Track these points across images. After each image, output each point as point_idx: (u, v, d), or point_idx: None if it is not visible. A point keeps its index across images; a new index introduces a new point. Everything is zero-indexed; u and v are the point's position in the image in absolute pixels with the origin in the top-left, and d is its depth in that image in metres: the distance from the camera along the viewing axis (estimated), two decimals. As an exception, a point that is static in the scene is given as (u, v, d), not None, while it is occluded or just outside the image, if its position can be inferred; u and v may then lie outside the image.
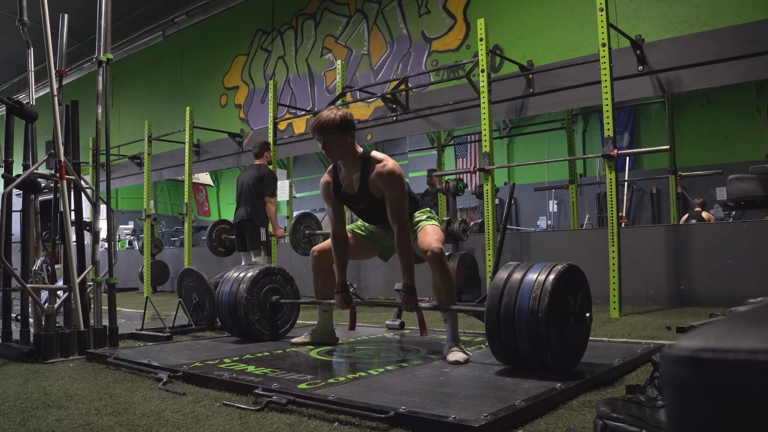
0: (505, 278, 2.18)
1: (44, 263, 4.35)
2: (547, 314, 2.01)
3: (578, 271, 2.24)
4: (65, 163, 3.15)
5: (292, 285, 3.42)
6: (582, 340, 2.23)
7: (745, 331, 0.41)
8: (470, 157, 12.50)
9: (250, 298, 3.15)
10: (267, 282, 3.27)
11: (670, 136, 7.22)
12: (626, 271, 4.67)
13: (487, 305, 2.16)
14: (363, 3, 8.10)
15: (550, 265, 2.16)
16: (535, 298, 2.04)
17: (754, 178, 5.30)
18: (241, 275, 3.26)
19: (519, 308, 2.07)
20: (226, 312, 3.23)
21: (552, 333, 2.03)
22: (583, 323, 2.17)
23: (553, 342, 2.03)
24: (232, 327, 3.27)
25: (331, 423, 1.66)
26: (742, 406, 0.38)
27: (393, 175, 2.56)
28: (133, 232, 13.83)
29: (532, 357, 2.07)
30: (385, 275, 6.85)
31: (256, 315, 3.18)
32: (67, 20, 3.59)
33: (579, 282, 2.23)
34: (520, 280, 2.14)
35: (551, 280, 2.07)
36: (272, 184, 5.44)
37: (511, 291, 2.12)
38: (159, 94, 11.03)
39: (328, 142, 2.57)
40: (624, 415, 1.41)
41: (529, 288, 2.08)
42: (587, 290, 2.26)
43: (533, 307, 2.03)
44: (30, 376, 2.48)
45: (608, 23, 4.54)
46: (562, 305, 2.10)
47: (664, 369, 0.43)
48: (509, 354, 2.15)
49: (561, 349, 2.08)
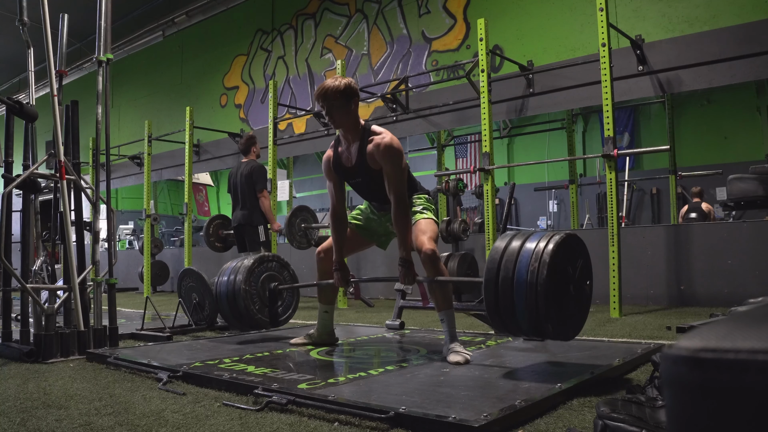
0: (503, 249, 2.12)
1: (44, 263, 4.36)
2: (546, 287, 1.96)
3: (577, 240, 2.19)
4: (65, 163, 3.15)
5: (288, 270, 3.40)
6: (583, 309, 2.19)
7: (745, 331, 0.41)
8: (470, 157, 12.50)
9: (248, 288, 3.14)
10: (263, 270, 3.26)
11: (670, 136, 7.22)
12: (626, 271, 4.67)
13: (485, 277, 2.11)
14: (363, 3, 8.10)
15: (548, 235, 2.10)
16: (533, 270, 1.99)
17: (754, 178, 5.30)
18: (236, 265, 3.24)
19: (517, 282, 2.02)
20: (225, 304, 3.21)
21: (552, 305, 1.98)
22: (583, 292, 2.13)
23: (553, 314, 1.99)
24: (231, 319, 3.25)
25: (331, 423, 1.66)
26: (742, 406, 0.38)
27: (391, 149, 2.56)
28: (133, 232, 13.83)
29: (532, 329, 2.04)
30: (384, 275, 6.84)
31: (256, 305, 3.17)
32: (67, 20, 3.59)
33: (578, 250, 2.18)
34: (517, 251, 2.07)
35: (549, 251, 2.01)
36: (263, 179, 5.35)
37: (509, 264, 2.07)
38: (159, 94, 11.03)
39: (332, 108, 2.60)
40: (624, 415, 1.41)
41: (527, 260, 2.02)
42: (587, 258, 2.21)
43: (532, 280, 1.98)
44: (30, 376, 2.48)
45: (608, 23, 4.54)
46: (561, 275, 2.05)
47: (664, 369, 0.43)
48: (509, 326, 2.11)
49: (562, 319, 2.04)
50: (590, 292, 2.17)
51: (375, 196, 2.83)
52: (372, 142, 2.60)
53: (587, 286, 2.13)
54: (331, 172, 2.80)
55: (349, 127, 2.65)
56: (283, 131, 8.38)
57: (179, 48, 10.78)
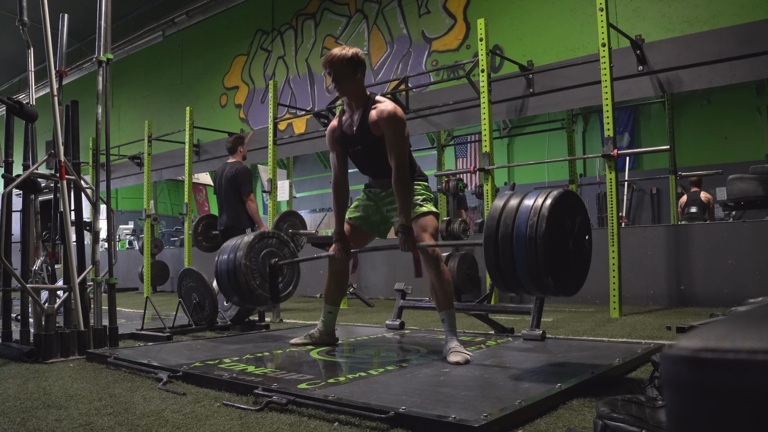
0: (501, 206, 2.12)
1: (44, 263, 4.35)
2: (546, 239, 1.96)
3: (574, 196, 2.20)
4: (65, 163, 3.15)
5: (288, 247, 3.39)
6: (583, 265, 2.18)
7: (745, 331, 0.41)
8: (470, 157, 12.50)
9: (249, 263, 3.13)
10: (263, 246, 3.25)
11: (670, 136, 7.22)
12: (626, 271, 4.67)
13: (485, 235, 2.11)
14: (363, 3, 8.10)
15: (545, 191, 2.11)
16: (532, 224, 1.98)
17: (754, 178, 5.30)
18: (236, 243, 3.23)
19: (517, 235, 2.01)
20: (225, 280, 3.20)
21: (551, 258, 1.98)
22: (582, 247, 2.13)
23: (553, 267, 1.98)
24: (232, 294, 3.24)
25: (331, 423, 1.66)
26: (742, 406, 0.38)
27: (394, 116, 2.61)
28: (133, 232, 13.83)
29: (533, 285, 2.03)
30: (385, 275, 6.85)
31: (256, 280, 3.16)
32: (67, 20, 3.59)
33: (576, 206, 2.18)
34: (516, 208, 2.07)
35: (548, 205, 2.01)
36: (248, 182, 5.25)
37: (508, 219, 2.06)
38: (159, 94, 11.03)
39: (338, 76, 2.65)
40: (624, 415, 1.41)
41: (526, 214, 2.02)
42: (585, 215, 2.21)
43: (531, 234, 1.98)
44: (30, 376, 2.48)
45: (608, 23, 4.54)
46: (560, 229, 2.04)
47: (664, 369, 0.43)
48: (510, 283, 2.10)
49: (562, 273, 2.03)
50: (590, 247, 2.17)
51: (373, 167, 2.82)
52: (375, 108, 2.65)
53: (586, 242, 2.12)
54: (333, 142, 2.84)
55: (354, 95, 2.70)
56: (283, 131, 8.38)
57: (179, 48, 10.78)
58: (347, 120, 2.78)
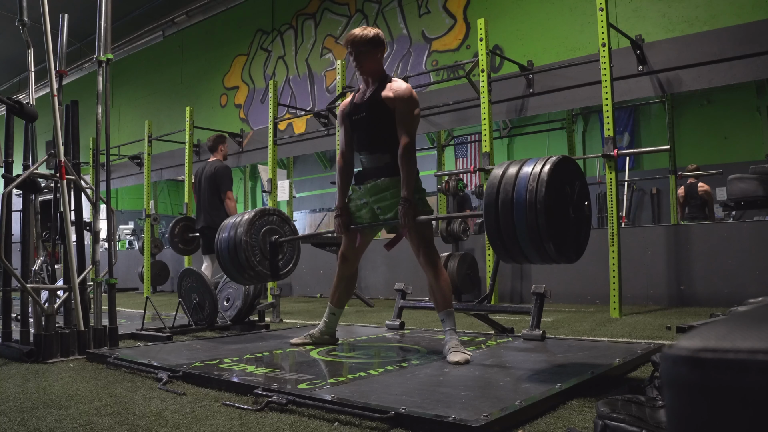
0: (501, 174, 2.12)
1: (44, 263, 4.35)
2: (546, 204, 1.96)
3: (573, 162, 2.20)
4: (65, 163, 3.15)
5: (289, 224, 3.39)
6: (583, 230, 2.18)
7: (745, 331, 0.41)
8: (470, 157, 12.50)
9: (249, 240, 3.13)
10: (264, 223, 3.25)
11: (670, 136, 7.22)
12: (626, 271, 4.67)
13: (485, 202, 2.11)
14: (363, 3, 8.10)
15: (544, 158, 2.11)
16: (531, 190, 1.99)
17: (754, 178, 5.30)
18: (237, 220, 3.23)
19: (517, 202, 2.01)
20: (226, 257, 3.20)
21: (552, 223, 1.98)
22: (582, 212, 2.13)
23: (553, 233, 1.98)
24: (233, 271, 3.24)
25: (331, 423, 1.66)
26: (742, 406, 0.38)
27: (408, 93, 2.70)
28: (133, 232, 13.83)
29: (534, 251, 2.03)
30: (384, 275, 6.85)
31: (257, 257, 3.16)
32: (67, 20, 3.59)
33: (574, 172, 2.19)
34: (515, 175, 2.07)
35: (547, 171, 2.01)
36: (226, 180, 5.21)
37: (507, 186, 2.06)
38: (159, 94, 11.03)
39: (359, 55, 2.76)
40: (624, 415, 1.41)
41: (525, 180, 2.02)
42: (583, 181, 2.22)
43: (531, 199, 1.98)
44: (30, 376, 2.48)
45: (608, 23, 4.54)
46: (559, 195, 2.05)
47: (664, 369, 0.43)
48: (511, 250, 2.10)
49: (562, 238, 2.03)
50: (590, 213, 2.18)
51: (370, 138, 2.79)
52: (390, 86, 2.74)
53: (586, 208, 2.12)
54: (344, 117, 2.90)
55: (374, 73, 2.80)
56: (283, 131, 8.38)
57: (179, 48, 10.78)
58: (360, 93, 2.87)
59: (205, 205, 5.22)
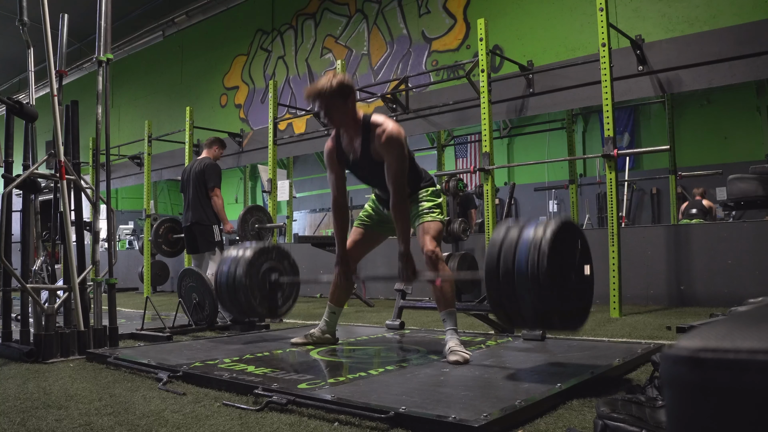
0: (500, 241, 2.08)
1: (44, 263, 4.35)
2: (547, 276, 1.92)
3: (573, 225, 2.16)
4: (65, 163, 3.14)
5: (288, 260, 3.39)
6: (586, 296, 2.15)
7: (745, 331, 0.41)
8: (470, 157, 12.50)
9: (248, 282, 3.12)
10: (263, 261, 3.24)
11: (670, 136, 7.22)
12: (626, 271, 4.67)
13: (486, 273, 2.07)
14: (363, 3, 8.10)
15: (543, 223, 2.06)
16: (533, 260, 1.95)
17: (754, 178, 5.30)
18: (237, 255, 3.21)
19: (518, 273, 1.98)
20: (225, 294, 3.20)
21: (554, 294, 1.95)
22: (584, 277, 2.10)
23: (556, 303, 1.96)
24: (232, 309, 3.25)
25: (331, 423, 1.66)
26: (742, 406, 0.38)
27: (391, 139, 2.55)
28: (133, 232, 13.83)
29: (538, 321, 2.01)
30: (384, 275, 6.84)
31: (256, 298, 3.16)
32: (67, 20, 3.59)
33: (575, 236, 2.14)
34: (515, 243, 2.03)
35: (547, 240, 1.97)
36: (215, 176, 5.13)
37: (508, 256, 2.03)
38: (159, 94, 11.03)
39: (329, 109, 2.57)
40: (624, 415, 1.41)
41: (526, 250, 1.98)
42: (585, 243, 2.17)
43: (533, 270, 1.94)
44: (30, 376, 2.48)
45: (608, 23, 4.54)
46: (561, 264, 2.01)
47: (664, 369, 0.43)
48: (515, 321, 2.09)
49: (566, 308, 2.01)
50: (592, 277, 2.13)
51: (381, 185, 2.77)
52: (375, 135, 2.59)
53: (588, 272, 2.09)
54: (334, 164, 2.79)
55: (349, 124, 2.64)
56: (283, 131, 8.38)
57: (179, 48, 10.78)
58: (348, 146, 2.72)
59: (193, 202, 5.11)
